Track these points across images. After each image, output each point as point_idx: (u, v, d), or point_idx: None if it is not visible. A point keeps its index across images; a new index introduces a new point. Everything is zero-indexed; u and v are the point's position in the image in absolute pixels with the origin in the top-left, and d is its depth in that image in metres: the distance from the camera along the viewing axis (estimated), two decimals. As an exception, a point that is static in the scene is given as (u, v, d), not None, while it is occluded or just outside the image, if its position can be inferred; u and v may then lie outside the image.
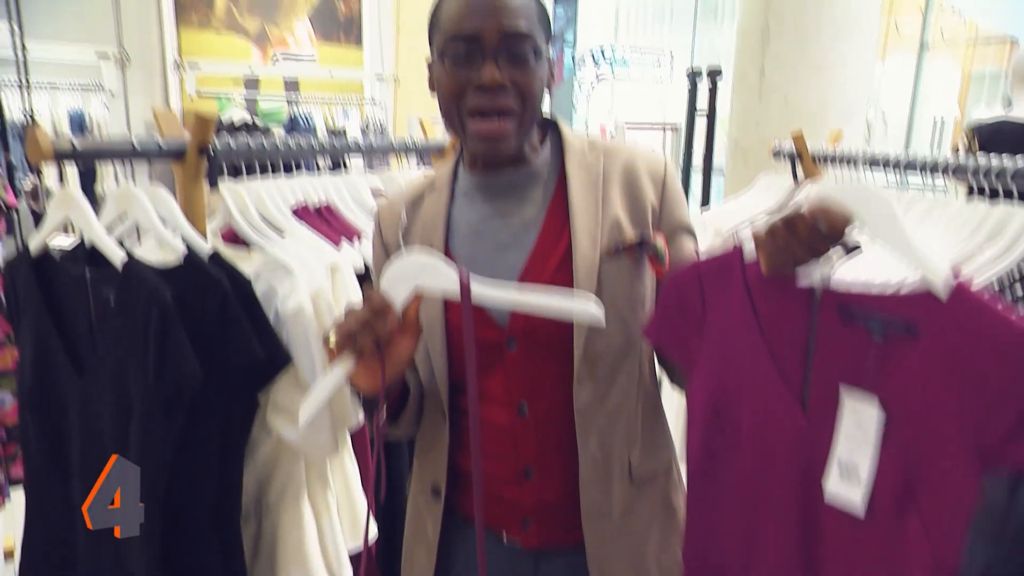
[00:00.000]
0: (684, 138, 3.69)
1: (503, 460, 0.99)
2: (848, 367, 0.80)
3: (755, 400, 0.87)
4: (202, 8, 4.92)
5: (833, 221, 0.75)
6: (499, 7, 0.88)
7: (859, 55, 2.87)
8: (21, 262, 1.16)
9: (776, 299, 0.84)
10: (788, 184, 1.79)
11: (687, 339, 0.91)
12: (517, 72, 0.88)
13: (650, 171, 0.98)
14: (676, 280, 0.91)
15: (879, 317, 0.77)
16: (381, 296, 0.84)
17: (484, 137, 0.90)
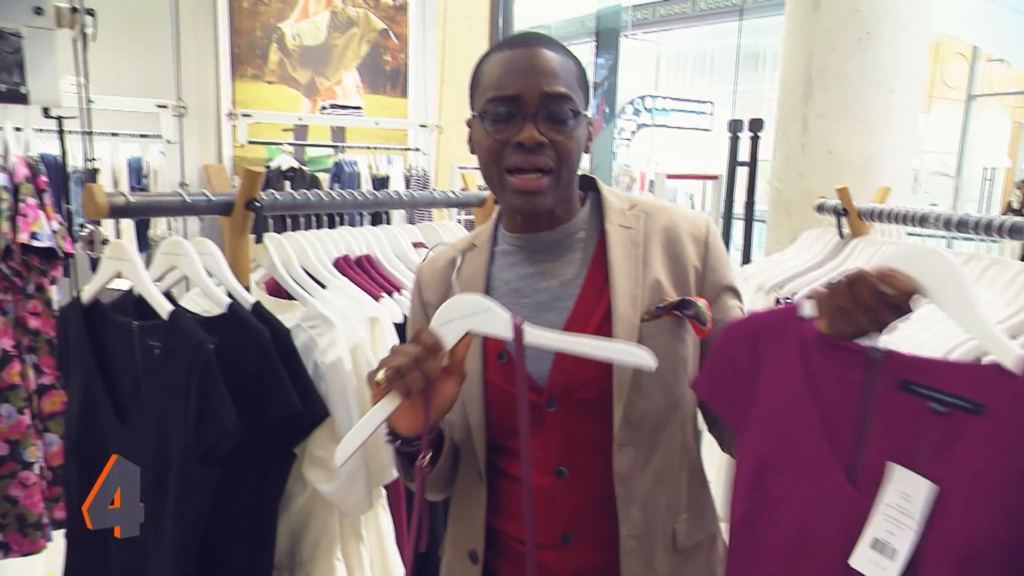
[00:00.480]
0: (725, 188, 3.68)
1: (540, 524, 0.96)
2: (904, 440, 0.76)
3: (802, 466, 0.83)
4: (256, 61, 5.12)
5: (900, 289, 0.72)
6: (539, 69, 0.89)
7: (904, 107, 2.83)
8: (73, 310, 1.19)
9: (831, 361, 0.81)
10: (833, 239, 1.76)
11: (737, 395, 0.88)
12: (555, 133, 0.89)
13: (692, 231, 0.97)
14: (729, 334, 0.89)
15: (943, 391, 0.73)
16: (433, 334, 0.84)
17: (521, 191, 0.90)
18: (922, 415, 0.74)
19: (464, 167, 5.30)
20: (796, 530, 0.83)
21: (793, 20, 2.97)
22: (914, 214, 1.45)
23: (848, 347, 0.79)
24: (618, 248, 0.95)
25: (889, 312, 0.73)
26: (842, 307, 0.76)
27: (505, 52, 0.92)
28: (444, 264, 1.05)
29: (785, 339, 0.84)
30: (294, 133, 5.25)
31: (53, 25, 1.70)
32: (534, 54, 0.90)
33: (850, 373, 0.79)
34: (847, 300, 0.75)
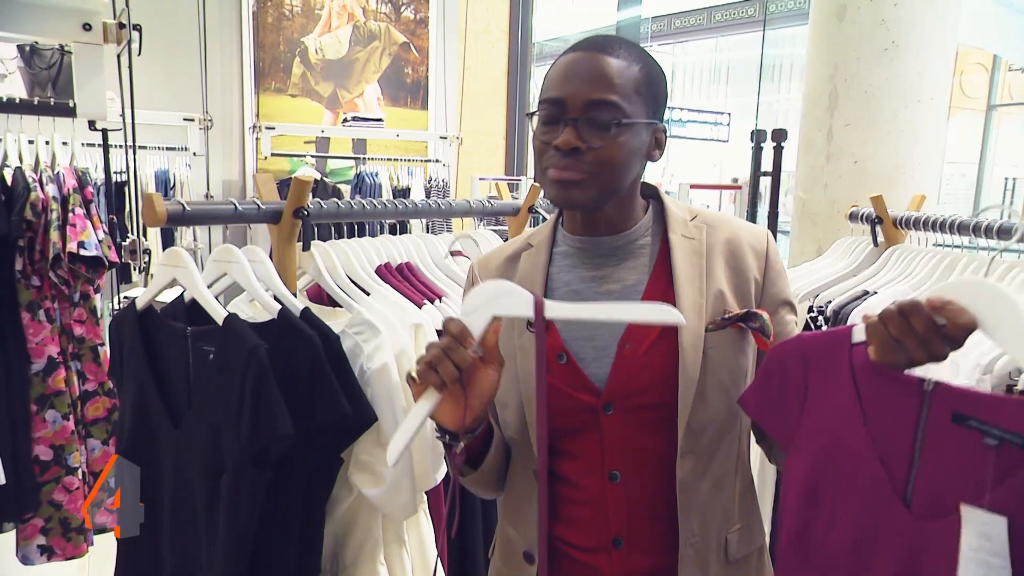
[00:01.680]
0: (749, 198, 3.69)
1: (591, 527, 0.96)
2: (958, 470, 0.76)
3: (855, 488, 0.83)
4: (279, 75, 5.20)
5: (954, 321, 0.71)
6: (590, 75, 0.89)
7: (931, 117, 2.83)
8: (127, 315, 1.22)
9: (883, 388, 0.81)
10: (867, 248, 1.76)
11: (786, 413, 0.89)
12: (595, 139, 0.89)
13: (753, 245, 0.98)
14: (779, 353, 0.89)
15: (997, 427, 0.73)
16: (459, 324, 0.85)
17: (555, 181, 0.91)
18: (976, 447, 0.74)
19: (484, 178, 5.35)
20: (849, 549, 0.84)
21: (817, 30, 2.98)
22: (953, 222, 1.46)
23: (900, 377, 0.79)
24: (681, 257, 0.95)
25: (943, 344, 0.73)
26: (893, 336, 0.75)
27: (571, 55, 0.92)
28: (500, 262, 1.06)
29: (837, 361, 0.84)
30: (316, 145, 5.31)
31: (101, 41, 1.74)
32: (591, 59, 0.90)
33: (902, 401, 0.80)
34: (899, 329, 0.74)
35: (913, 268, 1.57)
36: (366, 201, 1.41)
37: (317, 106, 5.33)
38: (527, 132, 6.46)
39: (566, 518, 0.98)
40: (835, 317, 1.63)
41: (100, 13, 1.76)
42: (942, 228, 1.49)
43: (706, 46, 10.26)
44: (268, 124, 4.89)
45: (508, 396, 0.98)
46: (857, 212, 1.84)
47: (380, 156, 5.31)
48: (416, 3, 5.63)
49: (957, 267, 1.45)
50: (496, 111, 6.29)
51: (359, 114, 5.35)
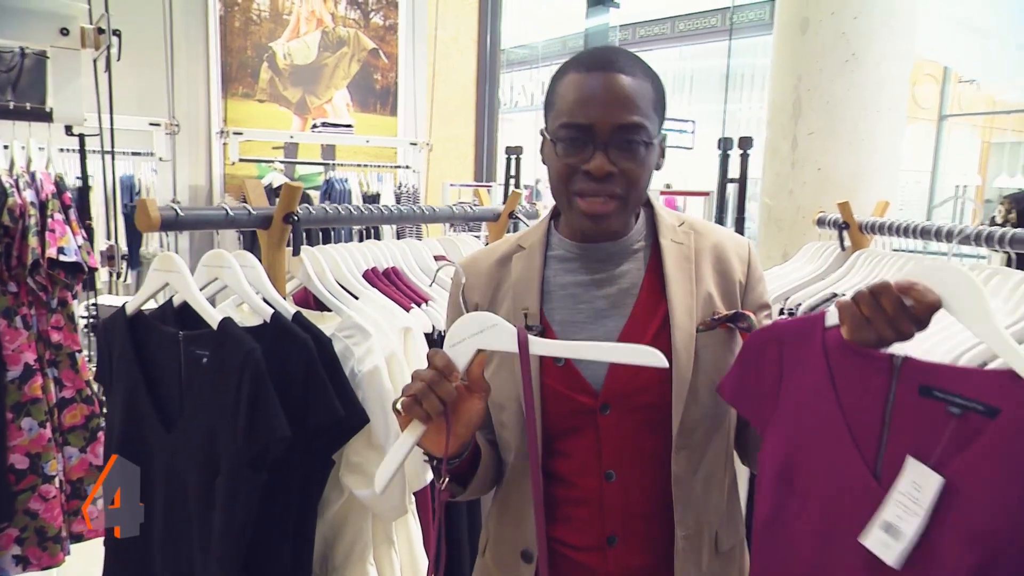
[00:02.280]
0: (716, 205, 3.78)
1: (586, 526, 0.99)
2: (923, 439, 0.81)
3: (828, 465, 0.88)
4: (247, 80, 5.16)
5: (922, 302, 0.76)
6: (614, 99, 0.91)
7: (889, 126, 2.94)
8: (116, 320, 1.22)
9: (854, 367, 0.86)
10: (835, 252, 1.84)
11: (762, 397, 0.93)
12: (626, 162, 0.92)
13: (737, 250, 1.03)
14: (756, 340, 0.93)
15: (960, 396, 0.78)
16: (444, 357, 0.87)
17: (588, 215, 0.94)
18: (940, 417, 0.80)
19: (454, 184, 5.37)
20: (822, 522, 0.88)
21: (782, 42, 3.08)
22: (916, 226, 1.53)
23: (870, 354, 0.84)
24: (673, 262, 0.99)
25: (910, 323, 0.77)
26: (865, 316, 0.79)
27: (581, 74, 0.93)
28: (491, 264, 1.06)
29: (810, 344, 0.89)
30: (284, 151, 5.28)
31: (78, 45, 1.73)
32: (611, 80, 0.91)
33: (872, 378, 0.84)
34: (870, 309, 0.79)
35: (879, 271, 1.64)
36: (352, 207, 1.43)
37: (286, 111, 5.30)
38: (496, 138, 6.50)
39: (562, 518, 1.00)
40: (805, 318, 1.69)
41: (77, 18, 1.75)
42: (904, 232, 1.57)
43: (671, 55, 10.45)
44: (236, 129, 4.85)
45: (506, 399, 1.00)
46: (824, 217, 1.91)
47: (349, 162, 5.30)
48: (385, 9, 5.64)
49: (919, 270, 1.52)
50: (465, 117, 6.32)
51: (328, 120, 5.33)
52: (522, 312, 1.00)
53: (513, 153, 4.95)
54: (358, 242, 1.50)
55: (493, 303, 1.04)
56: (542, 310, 1.01)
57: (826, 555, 0.88)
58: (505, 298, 1.03)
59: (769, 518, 0.93)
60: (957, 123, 9.52)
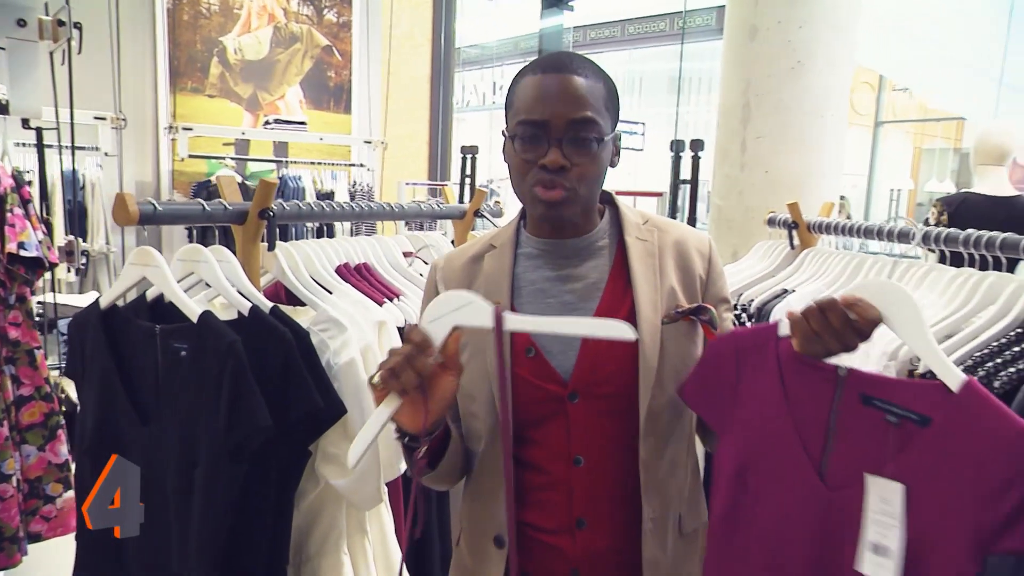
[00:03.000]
0: (669, 205, 3.89)
1: (556, 510, 1.03)
2: (865, 446, 0.89)
3: (779, 466, 0.95)
4: (196, 75, 5.07)
5: (865, 317, 0.84)
6: (568, 96, 0.97)
7: (832, 131, 3.08)
8: (90, 315, 1.22)
9: (804, 375, 0.92)
10: (784, 250, 1.93)
11: (721, 403, 0.99)
12: (579, 156, 0.98)
13: (698, 247, 1.09)
14: (715, 348, 1.00)
15: (897, 405, 0.86)
16: (421, 333, 0.90)
17: (545, 203, 0.99)
18: (879, 425, 0.88)
19: (411, 183, 5.37)
20: (774, 522, 0.95)
21: (731, 49, 3.19)
22: (859, 226, 1.63)
23: (818, 365, 0.91)
24: (637, 258, 1.05)
25: (854, 336, 0.85)
26: (814, 330, 0.87)
27: (537, 75, 0.99)
28: (464, 262, 1.11)
29: (765, 354, 0.96)
30: (235, 147, 5.19)
31: (36, 37, 1.70)
32: (564, 80, 0.97)
33: (820, 387, 0.92)
34: (818, 324, 0.86)
35: (826, 268, 1.74)
36: (325, 203, 1.46)
37: (236, 107, 5.21)
38: (451, 137, 6.51)
39: (532, 502, 1.04)
40: (758, 314, 1.78)
41: (35, 9, 1.72)
42: (851, 232, 1.67)
43: (621, 58, 10.62)
44: (185, 125, 4.75)
45: (477, 389, 1.04)
46: (775, 217, 2.01)
47: (303, 159, 5.25)
48: (339, 6, 5.60)
49: (864, 267, 1.62)
50: (420, 116, 6.31)
51: (281, 116, 5.26)
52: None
53: (469, 152, 4.98)
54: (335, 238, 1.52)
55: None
56: (513, 305, 1.05)
57: (777, 550, 0.95)
58: (477, 294, 1.07)
59: (724, 514, 0.99)
60: (891, 129, 9.94)
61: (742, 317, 1.86)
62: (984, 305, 1.23)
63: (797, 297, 1.68)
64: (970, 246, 1.31)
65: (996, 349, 1.15)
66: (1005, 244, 1.25)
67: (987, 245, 1.27)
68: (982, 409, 0.81)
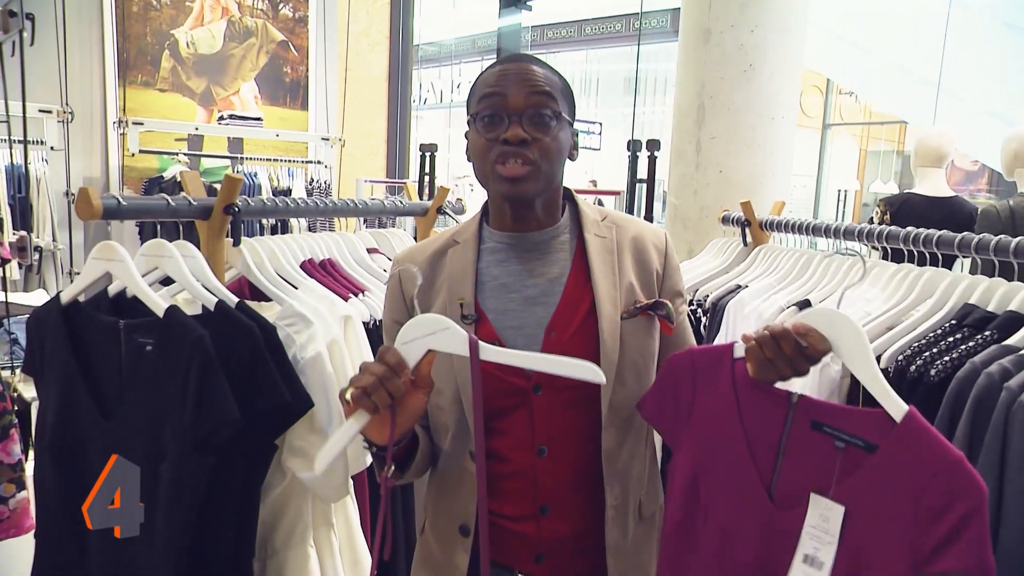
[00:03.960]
0: (626, 204, 3.96)
1: (521, 498, 1.07)
2: (813, 468, 0.94)
3: (729, 482, 0.99)
4: (147, 68, 4.96)
5: (815, 346, 0.89)
6: (525, 77, 1.02)
7: (783, 133, 3.19)
8: (49, 310, 1.21)
9: (757, 398, 0.97)
10: (738, 247, 2.00)
11: (676, 418, 1.04)
12: (538, 132, 1.01)
13: (655, 243, 1.13)
14: (673, 364, 1.04)
15: (844, 431, 0.92)
16: (396, 354, 0.93)
17: (506, 178, 1.01)
18: (827, 449, 0.93)
19: (370, 180, 5.34)
20: (721, 535, 0.99)
21: (686, 52, 3.27)
22: (808, 224, 1.70)
23: (771, 390, 0.97)
24: (596, 255, 1.08)
25: (805, 363, 0.91)
26: (768, 357, 0.92)
27: (496, 67, 1.05)
28: (425, 258, 1.12)
29: (720, 374, 1.00)
30: (188, 143, 5.09)
31: (-14, 27, 1.67)
32: (521, 66, 1.03)
33: (772, 410, 0.97)
34: (772, 352, 0.91)
35: (777, 264, 1.82)
36: (289, 199, 1.46)
37: (189, 102, 5.11)
38: (409, 135, 6.50)
39: (498, 491, 1.07)
40: (713, 309, 1.85)
41: (-16, -2, 1.69)
42: (801, 230, 1.74)
43: (577, 57, 10.72)
44: (135, 119, 4.64)
45: (444, 383, 1.06)
46: (728, 216, 2.08)
47: (259, 156, 5.18)
48: (295, 2, 5.53)
49: (812, 263, 1.70)
50: (378, 113, 6.28)
51: (236, 112, 5.18)
52: (457, 302, 1.06)
53: (428, 150, 4.98)
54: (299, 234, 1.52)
55: (428, 295, 1.10)
56: (476, 300, 1.07)
57: (724, 560, 0.99)
58: (441, 289, 1.09)
59: (677, 526, 1.03)
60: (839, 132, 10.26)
61: (697, 312, 1.92)
62: (923, 298, 1.31)
63: (750, 292, 1.74)
64: (909, 243, 1.39)
65: (932, 340, 1.22)
66: (941, 241, 1.33)
67: (924, 242, 1.35)
68: (922, 438, 0.86)
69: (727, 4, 3.09)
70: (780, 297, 1.64)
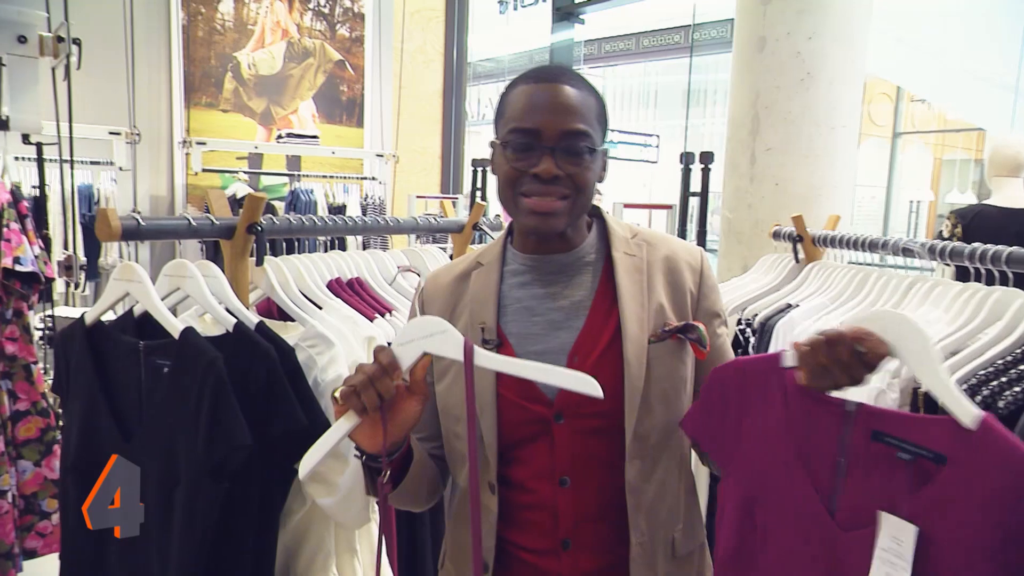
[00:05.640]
0: (678, 218, 3.85)
1: (541, 530, 1.01)
2: (877, 484, 0.85)
3: (787, 502, 0.91)
4: (211, 89, 5.12)
5: (873, 350, 0.81)
6: (561, 106, 0.95)
7: (844, 142, 3.04)
8: (75, 331, 1.21)
9: (811, 409, 0.89)
10: (789, 264, 1.89)
11: (724, 435, 0.96)
12: (571, 166, 0.96)
13: (689, 261, 1.05)
14: (717, 377, 0.96)
15: (910, 443, 0.82)
16: (390, 354, 0.89)
17: (535, 212, 0.96)
18: (891, 462, 0.83)
19: (422, 196, 5.38)
20: (782, 559, 0.91)
21: (740, 60, 3.16)
22: (864, 240, 1.59)
23: (825, 399, 0.88)
24: (625, 274, 1.02)
25: (862, 369, 0.82)
26: (822, 364, 0.83)
27: (530, 85, 0.97)
28: (450, 280, 1.09)
29: (769, 385, 0.92)
30: (249, 161, 5.24)
31: (36, 53, 1.72)
32: (557, 90, 0.96)
33: (828, 422, 0.88)
34: (826, 357, 0.83)
35: (830, 282, 1.70)
36: (316, 217, 1.44)
37: (250, 122, 5.26)
38: (463, 151, 6.53)
39: (518, 522, 1.02)
40: (761, 329, 1.74)
41: (35, 25, 1.74)
42: (855, 245, 1.63)
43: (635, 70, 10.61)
44: (199, 139, 4.80)
45: (461, 410, 1.01)
46: (780, 231, 1.97)
47: (315, 173, 5.28)
48: (351, 21, 5.64)
49: (868, 281, 1.58)
50: (432, 130, 6.33)
51: (294, 131, 5.30)
52: (479, 326, 1.02)
53: (480, 165, 4.98)
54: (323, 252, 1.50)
55: (451, 317, 1.06)
56: (499, 324, 1.03)
57: None
58: (463, 313, 1.05)
59: (733, 551, 0.95)
60: (910, 140, 9.83)
61: (746, 332, 1.82)
62: (990, 322, 1.19)
63: (801, 312, 1.64)
64: (976, 260, 1.27)
65: (1001, 367, 1.11)
66: (1011, 259, 1.21)
67: (993, 259, 1.23)
68: (999, 446, 0.77)
69: (783, 10, 2.97)
70: (833, 318, 1.53)
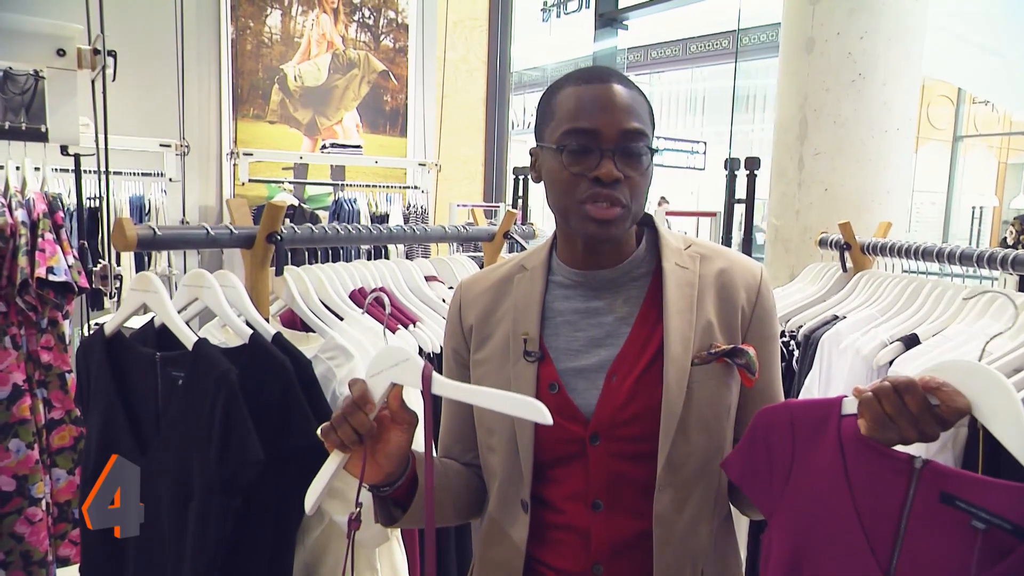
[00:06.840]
0: (723, 225, 3.74)
1: (572, 553, 0.96)
2: (945, 551, 0.76)
3: (840, 563, 0.83)
4: (258, 101, 5.21)
5: (949, 404, 0.73)
6: (618, 105, 0.90)
7: (898, 146, 2.90)
8: (94, 341, 1.21)
9: (871, 463, 0.81)
10: (836, 273, 1.79)
11: (771, 482, 0.88)
12: (631, 169, 0.91)
13: (747, 278, 0.98)
14: (766, 418, 0.88)
15: (986, 510, 0.73)
16: (361, 388, 0.87)
17: (596, 220, 0.91)
18: (963, 529, 0.74)
19: (463, 204, 5.37)
20: None
21: (787, 62, 3.05)
22: (918, 248, 1.49)
23: (889, 452, 0.79)
24: (673, 288, 0.95)
25: (935, 425, 0.74)
26: (887, 414, 0.76)
27: (580, 86, 0.93)
28: (489, 285, 1.04)
29: (825, 432, 0.84)
30: (294, 171, 5.31)
31: (74, 66, 1.74)
32: (610, 90, 0.91)
33: (890, 477, 0.79)
34: (893, 408, 0.75)
35: (880, 293, 1.60)
36: (340, 226, 1.42)
37: (295, 132, 5.34)
38: (505, 159, 6.51)
39: (549, 541, 0.98)
40: (806, 341, 1.65)
41: (74, 39, 1.77)
42: (906, 254, 1.53)
43: (681, 76, 10.47)
44: (246, 150, 4.88)
45: (496, 423, 0.98)
46: (826, 238, 1.87)
47: (358, 182, 5.32)
48: (395, 32, 5.69)
49: (922, 292, 1.48)
50: (475, 138, 6.34)
51: (338, 141, 5.36)
52: (522, 337, 0.98)
53: (521, 173, 4.94)
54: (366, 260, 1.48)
55: (489, 323, 1.02)
56: (541, 335, 0.98)
57: None
58: (504, 319, 1.01)
59: None
60: (973, 144, 9.44)
61: (790, 345, 1.73)
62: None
63: (847, 325, 1.54)
64: (1041, 270, 1.16)
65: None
66: (1081, 268, 1.10)
67: (1060, 269, 1.13)
68: None
69: (832, 10, 2.85)
70: (882, 331, 1.43)
